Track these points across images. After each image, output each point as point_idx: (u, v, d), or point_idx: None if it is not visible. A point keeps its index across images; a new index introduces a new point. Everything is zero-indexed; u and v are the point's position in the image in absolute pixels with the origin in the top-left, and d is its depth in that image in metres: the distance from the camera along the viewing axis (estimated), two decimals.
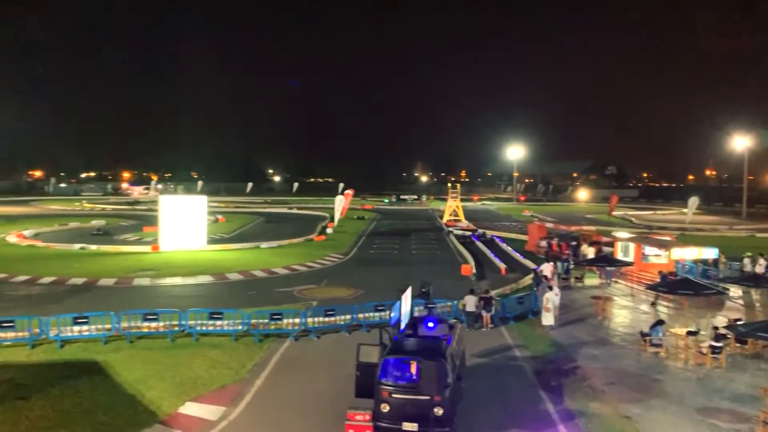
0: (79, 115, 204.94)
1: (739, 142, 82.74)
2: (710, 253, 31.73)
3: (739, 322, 19.60)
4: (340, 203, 59.27)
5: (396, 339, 13.31)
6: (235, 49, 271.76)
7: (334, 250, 41.13)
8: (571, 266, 31.33)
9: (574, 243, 37.45)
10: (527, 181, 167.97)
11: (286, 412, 13.91)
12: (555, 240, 39.52)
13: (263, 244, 43.06)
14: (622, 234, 41.96)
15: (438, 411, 11.71)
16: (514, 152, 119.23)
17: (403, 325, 13.69)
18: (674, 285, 22.11)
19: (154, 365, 16.65)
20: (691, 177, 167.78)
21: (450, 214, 63.03)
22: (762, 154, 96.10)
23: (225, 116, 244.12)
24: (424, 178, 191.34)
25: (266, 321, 19.83)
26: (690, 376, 16.65)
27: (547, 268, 27.17)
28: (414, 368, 11.99)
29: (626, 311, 24.66)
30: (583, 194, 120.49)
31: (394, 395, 11.92)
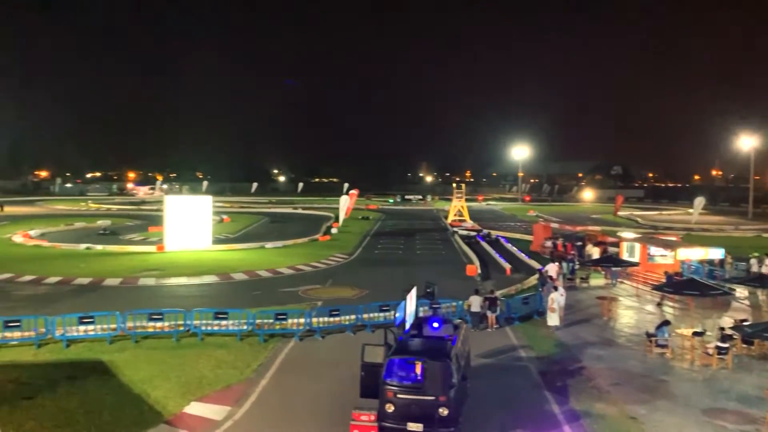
0: (85, 116, 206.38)
1: (746, 142, 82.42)
2: (716, 253, 31.61)
3: (745, 323, 19.53)
4: (345, 203, 59.32)
5: (401, 339, 13.28)
6: (239, 49, 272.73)
7: (338, 250, 41.14)
8: (577, 266, 31.22)
9: (580, 243, 37.37)
10: (532, 181, 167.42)
11: (291, 412, 13.91)
12: (560, 240, 39.44)
13: (268, 244, 43.11)
14: (628, 234, 41.81)
15: (443, 411, 11.69)
16: (519, 152, 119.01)
17: (408, 325, 13.67)
18: (680, 285, 22.02)
19: (159, 365, 16.68)
20: (697, 177, 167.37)
21: (455, 214, 63.01)
22: None
23: (230, 117, 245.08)
24: (429, 178, 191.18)
25: (271, 321, 19.84)
26: (696, 377, 16.58)
27: (552, 269, 27.14)
28: (419, 368, 11.97)
29: (632, 312, 24.58)
30: (589, 194, 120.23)
31: (399, 395, 11.90)
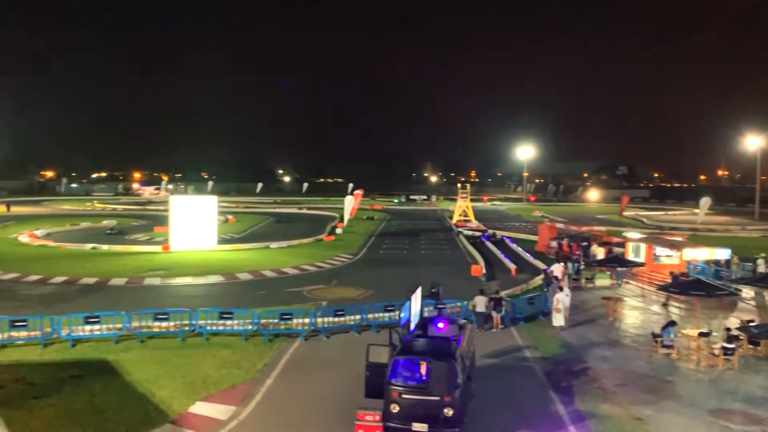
0: (90, 116, 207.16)
1: (752, 142, 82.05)
2: (722, 253, 31.42)
3: (751, 324, 19.50)
4: (350, 203, 59.31)
5: (406, 339, 13.29)
6: (241, 49, 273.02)
7: (343, 250, 41.16)
8: (582, 267, 31.17)
9: (585, 243, 37.24)
10: (537, 181, 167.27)
11: (295, 412, 13.92)
12: (565, 240, 39.32)
13: (273, 244, 43.16)
14: (633, 234, 41.70)
15: (448, 412, 11.68)
16: (524, 152, 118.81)
17: (413, 325, 13.67)
18: (686, 286, 21.91)
19: (164, 365, 16.72)
20: (703, 177, 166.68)
21: (460, 215, 62.93)
22: None
23: (235, 117, 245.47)
24: (434, 179, 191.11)
25: (276, 321, 19.87)
26: (702, 378, 16.52)
27: (557, 269, 27.07)
28: (424, 369, 11.97)
29: (637, 312, 24.51)
30: (594, 194, 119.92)
31: (403, 396, 11.90)
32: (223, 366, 16.79)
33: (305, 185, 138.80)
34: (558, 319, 21.17)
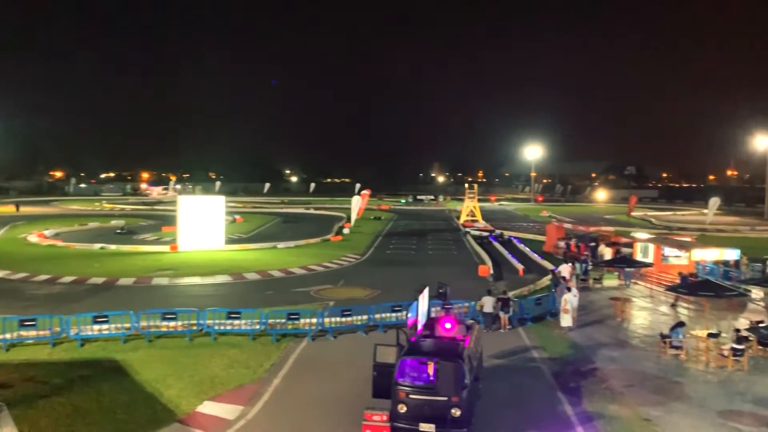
0: (99, 117, 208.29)
1: (761, 142, 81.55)
2: (732, 254, 31.25)
3: (761, 325, 19.37)
4: (357, 204, 59.36)
5: (413, 340, 13.28)
6: (241, 49, 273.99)
7: (350, 250, 41.18)
8: (590, 267, 31.06)
9: (593, 244, 37.12)
10: (545, 181, 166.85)
11: (303, 412, 13.94)
12: (573, 241, 39.23)
13: (280, 245, 43.25)
14: (642, 235, 41.51)
15: (455, 412, 11.67)
16: (532, 152, 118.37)
17: (420, 325, 13.66)
18: (695, 286, 21.78)
19: (172, 364, 16.78)
20: (712, 177, 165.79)
21: (467, 215, 62.86)
22: None
23: (242, 117, 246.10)
24: (441, 179, 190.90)
25: (283, 321, 19.91)
26: (711, 379, 16.42)
27: (565, 269, 27.00)
28: (431, 369, 11.96)
29: (646, 313, 24.40)
30: (602, 195, 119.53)
31: (411, 396, 11.90)
32: (230, 366, 16.83)
33: (312, 185, 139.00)
34: (566, 320, 21.10)
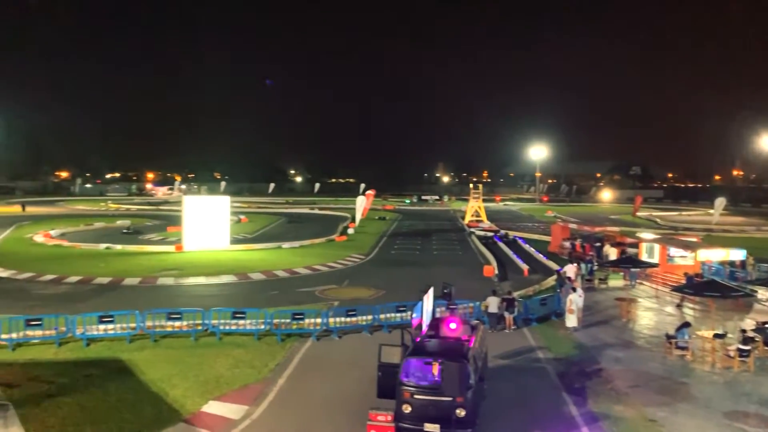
0: (104, 117, 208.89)
1: (767, 142, 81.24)
2: (738, 254, 31.12)
3: (767, 326, 19.26)
4: (362, 204, 59.37)
5: (418, 340, 13.27)
6: (260, 50, 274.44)
7: (355, 250, 41.19)
8: (595, 267, 30.96)
9: (598, 244, 37.03)
10: (550, 181, 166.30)
11: (308, 412, 13.95)
12: (578, 241, 39.13)
13: (285, 245, 43.32)
14: (647, 235, 41.34)
15: (460, 412, 11.65)
16: (537, 152, 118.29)
17: (425, 326, 13.65)
18: (700, 287, 21.72)
19: (177, 364, 16.81)
20: (718, 177, 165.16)
21: (472, 215, 62.86)
22: None
23: (247, 117, 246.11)
24: (446, 179, 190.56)
25: (288, 321, 19.93)
26: (717, 380, 16.36)
27: (570, 270, 26.95)
28: (436, 369, 11.95)
29: (651, 313, 24.33)
30: (607, 195, 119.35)
31: (416, 396, 11.89)
32: (235, 365, 16.86)
33: (317, 185, 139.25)
34: (571, 320, 21.07)
